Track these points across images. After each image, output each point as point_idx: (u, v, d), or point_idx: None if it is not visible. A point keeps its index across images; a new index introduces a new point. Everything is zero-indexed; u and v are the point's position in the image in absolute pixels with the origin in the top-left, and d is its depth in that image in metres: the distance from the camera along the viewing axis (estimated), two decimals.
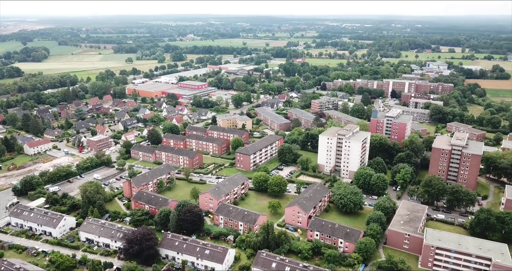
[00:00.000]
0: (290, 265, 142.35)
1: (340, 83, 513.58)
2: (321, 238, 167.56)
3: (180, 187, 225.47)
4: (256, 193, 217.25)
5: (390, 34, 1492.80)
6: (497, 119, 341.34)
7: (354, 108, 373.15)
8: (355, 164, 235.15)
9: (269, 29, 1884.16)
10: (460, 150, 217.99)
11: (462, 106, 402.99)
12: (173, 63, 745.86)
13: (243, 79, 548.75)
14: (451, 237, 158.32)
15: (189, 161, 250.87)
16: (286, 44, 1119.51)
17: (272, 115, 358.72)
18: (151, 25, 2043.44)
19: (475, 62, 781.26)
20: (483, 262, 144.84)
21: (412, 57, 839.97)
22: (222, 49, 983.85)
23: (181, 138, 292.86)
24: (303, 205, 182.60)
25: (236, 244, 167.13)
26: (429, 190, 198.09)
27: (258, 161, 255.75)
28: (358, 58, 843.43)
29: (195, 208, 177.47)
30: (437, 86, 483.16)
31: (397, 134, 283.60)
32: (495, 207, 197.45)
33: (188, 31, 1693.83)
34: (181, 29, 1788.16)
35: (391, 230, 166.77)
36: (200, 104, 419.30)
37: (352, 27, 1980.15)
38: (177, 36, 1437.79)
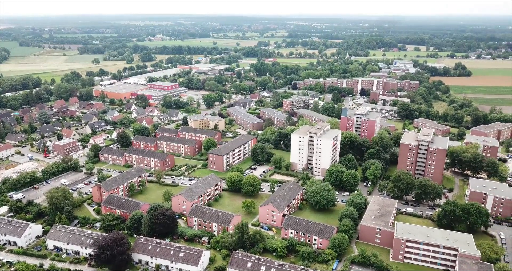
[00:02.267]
0: (266, 264, 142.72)
1: (310, 82, 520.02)
2: (296, 236, 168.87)
3: (152, 190, 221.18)
4: (230, 193, 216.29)
5: (358, 33, 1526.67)
6: (460, 115, 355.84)
7: (324, 106, 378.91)
8: (326, 161, 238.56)
9: (239, 29, 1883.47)
10: (427, 145, 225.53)
11: (428, 103, 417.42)
12: (142, 64, 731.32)
13: (214, 79, 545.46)
14: (420, 229, 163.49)
15: (160, 163, 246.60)
16: (257, 44, 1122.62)
17: (244, 115, 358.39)
18: (118, 25, 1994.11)
19: (439, 60, 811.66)
20: (450, 252, 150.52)
21: (380, 56, 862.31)
22: (192, 49, 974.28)
23: (151, 139, 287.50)
24: (277, 204, 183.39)
25: (211, 245, 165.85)
26: (398, 185, 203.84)
27: (232, 161, 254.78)
28: (327, 57, 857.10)
29: (168, 211, 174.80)
30: (404, 84, 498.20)
31: (367, 131, 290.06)
32: (460, 199, 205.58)
33: (157, 31, 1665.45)
34: (150, 29, 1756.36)
35: (363, 225, 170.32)
36: (170, 105, 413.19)
37: (321, 26, 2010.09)
38: (145, 36, 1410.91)
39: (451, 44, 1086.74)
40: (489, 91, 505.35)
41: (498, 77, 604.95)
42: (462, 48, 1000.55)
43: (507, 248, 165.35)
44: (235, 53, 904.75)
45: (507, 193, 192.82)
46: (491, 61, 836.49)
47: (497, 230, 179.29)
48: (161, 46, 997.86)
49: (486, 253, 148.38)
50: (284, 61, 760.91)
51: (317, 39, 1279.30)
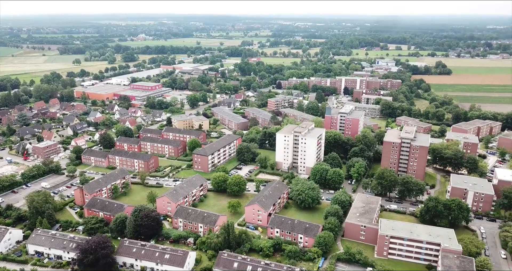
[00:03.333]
0: (252, 264, 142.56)
1: (295, 81, 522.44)
2: (282, 235, 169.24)
3: (136, 192, 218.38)
4: (215, 193, 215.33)
5: (341, 32, 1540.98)
6: (441, 113, 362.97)
7: (309, 106, 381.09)
8: (311, 160, 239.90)
9: (223, 28, 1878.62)
10: (409, 142, 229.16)
11: (410, 101, 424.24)
12: (124, 64, 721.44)
13: (198, 79, 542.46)
14: (404, 225, 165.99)
15: (144, 165, 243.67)
16: (241, 43, 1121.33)
17: (229, 115, 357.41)
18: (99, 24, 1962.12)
19: (420, 59, 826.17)
20: (433, 248, 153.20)
21: (363, 55, 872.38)
22: (176, 49, 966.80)
23: (135, 141, 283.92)
24: (263, 203, 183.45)
25: (197, 246, 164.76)
26: (382, 182, 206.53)
27: (217, 161, 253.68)
28: (311, 56, 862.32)
29: (153, 212, 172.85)
30: (386, 83, 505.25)
31: (351, 129, 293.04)
32: (442, 195, 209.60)
33: (140, 31, 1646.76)
34: (132, 29, 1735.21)
35: (348, 223, 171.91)
36: (154, 105, 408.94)
37: (304, 26, 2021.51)
38: (127, 36, 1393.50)
39: (431, 43, 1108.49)
40: (469, 89, 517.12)
41: (477, 76, 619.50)
42: (442, 47, 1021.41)
43: (487, 242, 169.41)
44: (219, 53, 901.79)
45: (486, 188, 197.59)
46: (470, 59, 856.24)
47: (478, 224, 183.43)
48: (143, 46, 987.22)
49: (468, 247, 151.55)
50: (268, 60, 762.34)
51: (300, 39, 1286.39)
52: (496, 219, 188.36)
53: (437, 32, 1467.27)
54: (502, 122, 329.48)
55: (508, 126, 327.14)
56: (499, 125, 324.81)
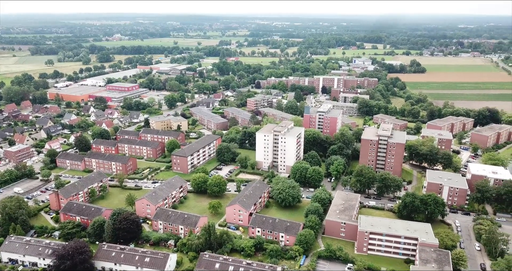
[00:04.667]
0: (234, 264, 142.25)
1: (273, 81, 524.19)
2: (263, 234, 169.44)
3: (114, 195, 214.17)
4: (195, 195, 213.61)
5: (318, 32, 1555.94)
6: (416, 110, 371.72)
7: (288, 105, 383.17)
8: (291, 158, 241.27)
9: (200, 28, 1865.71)
10: (386, 139, 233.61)
11: (386, 99, 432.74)
12: (99, 65, 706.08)
13: (176, 79, 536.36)
14: (382, 221, 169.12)
15: (122, 167, 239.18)
16: (219, 43, 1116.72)
17: (208, 115, 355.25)
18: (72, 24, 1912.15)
19: (395, 57, 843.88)
20: (410, 242, 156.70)
21: (340, 54, 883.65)
22: (152, 49, 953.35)
23: (112, 143, 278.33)
24: (244, 203, 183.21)
25: (178, 248, 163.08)
26: (360, 179, 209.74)
27: (196, 162, 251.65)
28: (289, 56, 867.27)
29: (132, 215, 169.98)
30: (363, 81, 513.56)
31: (329, 128, 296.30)
32: (419, 190, 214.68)
33: (115, 30, 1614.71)
34: (107, 29, 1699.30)
35: (328, 220, 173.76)
36: (131, 106, 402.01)
37: (282, 25, 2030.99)
38: (102, 36, 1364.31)
39: (406, 42, 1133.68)
40: (442, 87, 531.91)
41: (450, 73, 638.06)
42: (417, 46, 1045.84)
43: (462, 235, 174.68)
44: (197, 53, 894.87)
45: (460, 182, 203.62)
46: (443, 58, 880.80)
47: (453, 218, 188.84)
48: (119, 46, 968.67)
49: (444, 241, 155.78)
50: (246, 60, 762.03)
51: (278, 38, 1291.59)
52: (470, 213, 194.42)
53: (411, 31, 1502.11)
54: (474, 118, 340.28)
55: (480, 123, 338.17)
56: (471, 122, 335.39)
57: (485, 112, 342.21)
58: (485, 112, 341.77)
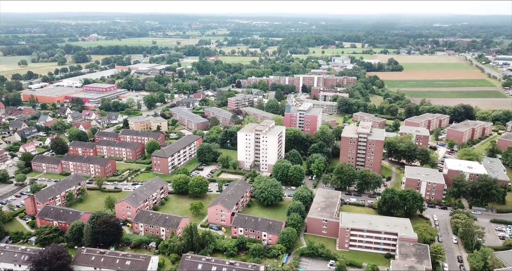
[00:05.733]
0: (217, 264, 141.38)
1: (254, 80, 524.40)
2: (245, 233, 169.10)
3: (93, 198, 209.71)
4: (176, 196, 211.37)
5: (297, 31, 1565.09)
6: (394, 108, 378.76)
7: (268, 104, 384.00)
8: (273, 157, 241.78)
9: (179, 27, 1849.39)
10: (366, 137, 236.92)
11: (365, 97, 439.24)
12: (76, 65, 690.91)
13: (155, 79, 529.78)
14: (363, 218, 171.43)
15: (101, 169, 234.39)
16: (198, 43, 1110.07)
17: (188, 115, 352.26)
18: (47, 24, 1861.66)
19: (374, 56, 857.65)
20: (391, 237, 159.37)
21: (319, 53, 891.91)
22: (131, 48, 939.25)
23: (90, 145, 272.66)
24: (226, 203, 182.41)
25: (159, 250, 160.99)
26: (341, 177, 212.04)
27: (177, 163, 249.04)
28: (269, 55, 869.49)
29: (112, 218, 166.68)
30: (343, 80, 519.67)
31: (310, 126, 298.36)
32: (398, 186, 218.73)
33: (91, 30, 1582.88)
34: (83, 28, 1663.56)
35: (310, 218, 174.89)
36: (109, 107, 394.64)
37: (262, 24, 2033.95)
38: (78, 36, 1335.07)
39: (383, 41, 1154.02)
40: (419, 85, 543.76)
41: (426, 71, 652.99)
42: (394, 45, 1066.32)
43: (440, 228, 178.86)
44: (176, 52, 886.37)
45: (438, 178, 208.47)
46: (420, 56, 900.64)
47: (431, 213, 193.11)
48: (96, 46, 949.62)
49: (422, 235, 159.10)
50: (226, 59, 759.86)
51: (258, 37, 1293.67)
52: (447, 207, 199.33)
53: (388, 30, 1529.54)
54: (450, 115, 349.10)
55: (455, 119, 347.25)
56: (447, 118, 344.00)
57: (460, 109, 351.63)
58: (460, 109, 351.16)
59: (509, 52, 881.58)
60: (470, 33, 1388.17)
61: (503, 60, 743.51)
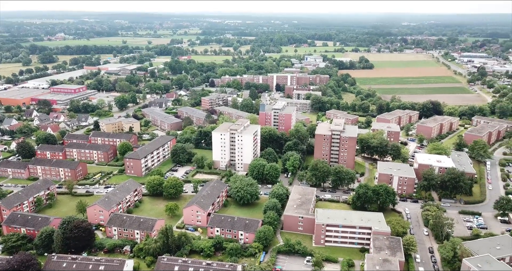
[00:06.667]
0: (193, 265, 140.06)
1: (227, 79, 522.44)
2: (222, 233, 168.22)
3: (63, 203, 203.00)
4: (151, 198, 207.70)
5: (270, 30, 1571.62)
6: (366, 105, 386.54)
7: (243, 103, 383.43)
8: (248, 156, 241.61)
9: (150, 26, 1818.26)
10: (339, 134, 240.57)
11: (337, 94, 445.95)
12: (42, 66, 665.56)
13: (126, 79, 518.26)
14: (338, 213, 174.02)
15: (71, 173, 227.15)
16: (170, 42, 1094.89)
17: (161, 115, 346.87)
18: (9, 23, 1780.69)
19: (345, 54, 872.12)
20: (365, 231, 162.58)
21: (292, 52, 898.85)
22: (100, 48, 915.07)
23: (59, 148, 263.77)
24: (201, 203, 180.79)
25: (134, 253, 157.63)
26: (316, 173, 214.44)
27: (150, 165, 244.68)
28: (242, 54, 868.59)
29: (83, 223, 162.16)
30: (315, 78, 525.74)
31: (284, 125, 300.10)
32: (371, 181, 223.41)
33: (58, 29, 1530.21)
34: (49, 28, 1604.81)
35: (286, 215, 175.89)
36: (78, 109, 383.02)
37: (234, 23, 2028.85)
38: (44, 36, 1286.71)
39: (354, 39, 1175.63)
40: (389, 82, 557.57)
41: (396, 69, 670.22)
42: (364, 43, 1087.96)
43: (412, 221, 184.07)
44: (148, 52, 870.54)
45: (409, 172, 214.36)
46: (389, 54, 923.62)
47: (403, 206, 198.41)
48: (63, 46, 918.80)
49: (395, 228, 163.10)
50: (199, 58, 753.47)
51: (231, 36, 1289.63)
52: (418, 200, 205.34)
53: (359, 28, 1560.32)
54: (419, 111, 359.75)
55: (424, 115, 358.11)
56: (416, 114, 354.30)
57: (429, 105, 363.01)
58: (429, 105, 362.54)
59: (473, 50, 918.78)
60: (436, 32, 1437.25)
61: (467, 57, 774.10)
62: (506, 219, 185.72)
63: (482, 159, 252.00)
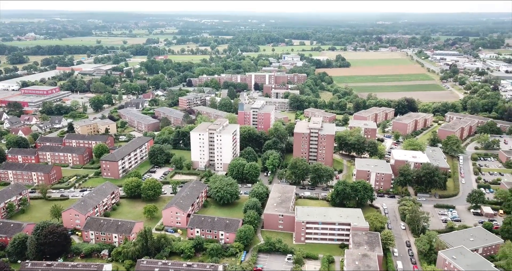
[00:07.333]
0: (174, 267, 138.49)
1: (205, 78, 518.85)
2: (202, 234, 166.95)
3: (37, 208, 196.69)
4: (128, 200, 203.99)
5: (247, 29, 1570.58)
6: (343, 103, 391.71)
7: (221, 102, 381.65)
8: (228, 156, 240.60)
9: (125, 26, 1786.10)
10: (317, 132, 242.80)
11: (315, 93, 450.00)
12: (11, 67, 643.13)
13: (101, 80, 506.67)
14: (317, 210, 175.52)
15: (44, 177, 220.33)
16: (146, 41, 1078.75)
17: (138, 116, 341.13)
18: None
19: (322, 53, 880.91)
20: (344, 228, 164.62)
21: (269, 51, 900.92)
22: (73, 48, 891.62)
23: (31, 151, 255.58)
24: (181, 205, 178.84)
25: (112, 257, 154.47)
26: (295, 171, 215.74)
27: (128, 166, 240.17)
28: (220, 53, 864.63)
29: (58, 228, 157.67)
30: (293, 77, 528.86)
31: (263, 124, 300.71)
32: (349, 178, 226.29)
33: (28, 29, 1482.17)
34: (18, 27, 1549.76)
35: (267, 214, 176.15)
36: (51, 111, 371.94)
37: (211, 23, 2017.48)
38: (13, 35, 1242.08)
39: (331, 38, 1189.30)
40: (366, 80, 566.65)
41: (372, 67, 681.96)
42: (341, 42, 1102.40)
43: (389, 216, 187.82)
44: (123, 52, 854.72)
45: (386, 168, 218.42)
46: (365, 52, 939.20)
47: (380, 202, 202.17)
48: (34, 46, 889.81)
49: (373, 224, 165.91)
50: (176, 58, 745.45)
51: (208, 36, 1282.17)
52: (395, 195, 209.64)
53: (335, 27, 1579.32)
54: (395, 108, 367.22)
55: (400, 112, 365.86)
56: (392, 111, 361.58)
57: (404, 102, 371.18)
58: (404, 102, 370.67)
59: (445, 48, 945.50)
60: (410, 30, 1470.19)
61: (440, 55, 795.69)
62: (479, 211, 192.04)
63: (455, 153, 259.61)
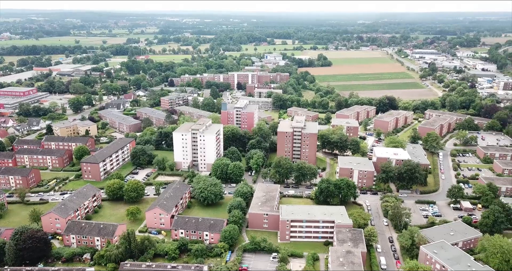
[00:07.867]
0: (158, 269, 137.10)
1: (187, 78, 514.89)
2: (187, 235, 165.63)
3: (14, 212, 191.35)
4: (111, 202, 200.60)
5: (229, 28, 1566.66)
6: (325, 101, 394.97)
7: (204, 102, 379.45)
8: (211, 156, 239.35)
9: (104, 25, 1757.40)
10: (300, 131, 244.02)
11: (298, 92, 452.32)
12: None
13: (80, 80, 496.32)
14: (302, 209, 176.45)
15: (22, 180, 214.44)
16: (126, 41, 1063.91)
17: (119, 117, 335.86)
18: None
19: (304, 52, 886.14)
20: (328, 225, 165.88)
21: (252, 50, 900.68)
22: (50, 48, 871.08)
23: (8, 155, 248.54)
24: (164, 206, 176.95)
25: (95, 261, 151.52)
26: (279, 170, 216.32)
27: (109, 168, 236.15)
28: (202, 53, 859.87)
29: (38, 232, 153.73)
30: (276, 76, 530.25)
31: (247, 123, 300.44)
32: (332, 176, 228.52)
33: (3, 29, 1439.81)
34: None
35: (251, 213, 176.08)
36: (29, 113, 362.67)
37: (192, 22, 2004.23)
38: None
39: (312, 37, 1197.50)
40: (347, 79, 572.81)
41: (353, 66, 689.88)
42: (322, 41, 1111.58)
43: (372, 213, 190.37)
44: (103, 52, 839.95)
45: (368, 165, 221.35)
46: (346, 51, 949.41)
47: (363, 199, 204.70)
48: (9, 46, 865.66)
49: (357, 220, 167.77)
50: (157, 58, 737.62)
51: (189, 35, 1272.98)
52: (377, 192, 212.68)
53: (317, 27, 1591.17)
54: (376, 106, 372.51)
55: (381, 110, 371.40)
56: (374, 109, 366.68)
57: (385, 100, 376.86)
58: (385, 100, 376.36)
59: (424, 46, 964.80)
60: (390, 29, 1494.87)
61: (419, 54, 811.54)
62: (458, 206, 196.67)
63: (435, 150, 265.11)
